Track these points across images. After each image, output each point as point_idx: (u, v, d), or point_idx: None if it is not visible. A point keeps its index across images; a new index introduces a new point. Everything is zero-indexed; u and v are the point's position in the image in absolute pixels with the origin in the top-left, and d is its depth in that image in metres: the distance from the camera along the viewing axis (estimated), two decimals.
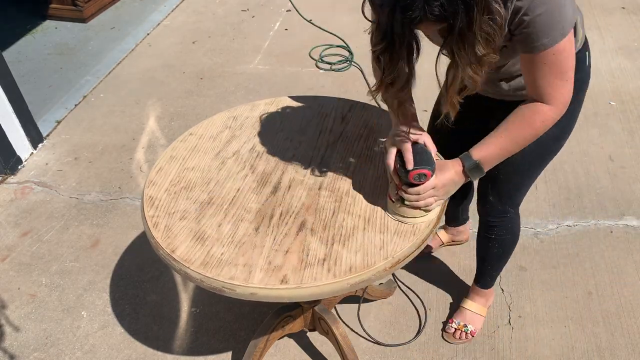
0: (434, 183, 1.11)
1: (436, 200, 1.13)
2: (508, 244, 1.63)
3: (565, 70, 1.08)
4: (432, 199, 1.12)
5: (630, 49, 3.31)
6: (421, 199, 1.10)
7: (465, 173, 1.14)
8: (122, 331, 1.87)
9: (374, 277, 1.05)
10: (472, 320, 1.79)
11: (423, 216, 1.14)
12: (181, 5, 4.13)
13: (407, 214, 1.13)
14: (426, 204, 1.12)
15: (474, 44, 0.93)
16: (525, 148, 1.26)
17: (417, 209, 1.12)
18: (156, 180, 1.29)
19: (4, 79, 2.48)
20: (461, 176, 1.15)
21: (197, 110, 2.95)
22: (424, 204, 1.11)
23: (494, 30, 0.94)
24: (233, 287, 1.03)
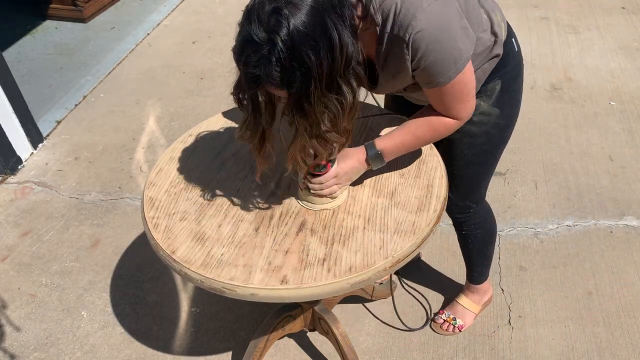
0: (335, 172, 1.14)
1: (340, 187, 1.17)
2: (482, 239, 1.64)
3: (466, 94, 1.12)
4: (335, 187, 1.16)
5: (630, 49, 3.31)
6: (324, 187, 1.14)
7: (367, 161, 1.18)
8: (122, 331, 1.87)
9: (374, 276, 1.05)
10: (463, 315, 1.81)
11: (329, 202, 1.19)
12: (181, 5, 4.13)
13: (314, 201, 1.19)
14: (330, 192, 1.16)
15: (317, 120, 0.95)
16: (474, 141, 1.37)
17: (323, 196, 1.17)
18: (156, 181, 1.29)
19: (4, 79, 2.48)
20: (363, 164, 1.18)
21: (197, 110, 2.95)
22: (328, 192, 1.15)
23: (338, 111, 0.95)
24: (233, 288, 1.03)
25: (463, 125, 1.31)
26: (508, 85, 1.33)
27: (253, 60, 0.89)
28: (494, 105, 1.33)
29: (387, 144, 1.17)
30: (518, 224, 2.19)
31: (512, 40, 1.33)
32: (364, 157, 1.17)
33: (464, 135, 1.36)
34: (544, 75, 3.10)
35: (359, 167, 1.18)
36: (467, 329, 1.81)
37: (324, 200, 1.18)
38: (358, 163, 1.17)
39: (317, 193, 1.15)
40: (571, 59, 3.24)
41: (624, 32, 3.50)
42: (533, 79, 3.07)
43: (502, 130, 1.40)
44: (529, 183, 2.38)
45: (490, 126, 1.35)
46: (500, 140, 1.42)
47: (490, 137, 1.38)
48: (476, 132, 1.36)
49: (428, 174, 1.26)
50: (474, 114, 1.30)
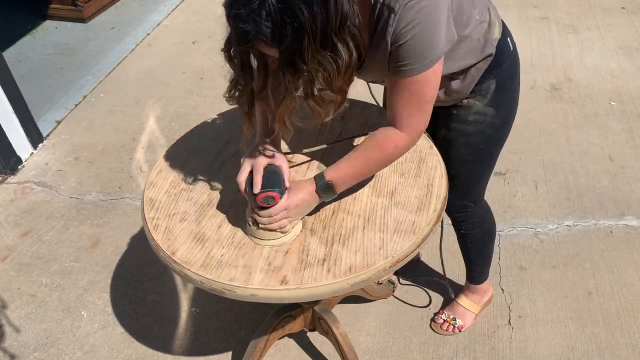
0: (285, 204, 1.07)
1: (290, 221, 1.10)
2: (480, 239, 1.64)
3: (426, 102, 1.08)
4: (285, 221, 1.09)
5: (630, 49, 3.31)
6: (273, 221, 1.07)
7: (318, 193, 1.11)
8: (122, 331, 1.87)
9: (374, 276, 1.05)
10: (463, 315, 1.81)
11: (280, 237, 1.11)
12: (181, 5, 4.13)
13: (263, 236, 1.10)
14: (279, 226, 1.08)
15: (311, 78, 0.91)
16: (469, 141, 1.35)
17: (272, 230, 1.09)
18: (156, 182, 1.29)
19: (4, 79, 2.48)
20: (314, 196, 1.12)
21: (197, 110, 2.95)
22: (277, 226, 1.08)
23: (334, 70, 0.92)
24: (233, 289, 1.03)
25: (459, 124, 1.33)
26: (503, 84, 1.32)
27: (243, 15, 0.85)
28: (488, 105, 1.32)
29: (336, 174, 1.11)
30: (518, 224, 2.19)
31: (507, 40, 1.33)
32: (313, 189, 1.11)
33: (459, 135, 1.36)
34: (544, 75, 3.10)
35: (310, 199, 1.11)
36: (467, 329, 1.81)
37: (274, 235, 1.10)
38: (308, 195, 1.11)
39: (266, 227, 1.08)
40: (571, 59, 3.24)
41: (624, 32, 3.50)
42: (533, 79, 3.07)
43: (498, 130, 1.39)
44: (529, 183, 2.38)
45: (486, 125, 1.35)
46: (497, 140, 1.41)
47: (485, 136, 1.37)
48: (471, 132, 1.36)
49: (428, 174, 1.26)
50: (470, 113, 1.32)
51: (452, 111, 1.34)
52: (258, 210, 1.07)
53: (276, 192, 1.06)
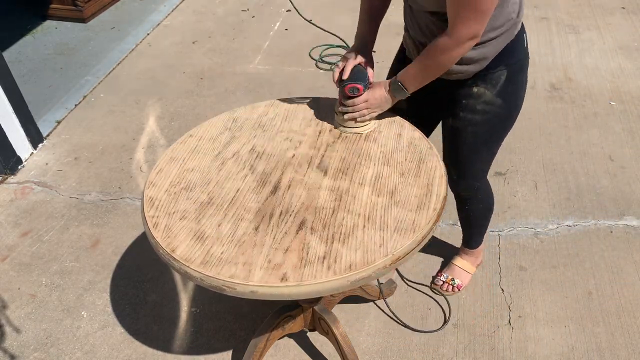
0: (366, 97, 1.33)
1: (369, 112, 1.36)
2: (482, 213, 1.78)
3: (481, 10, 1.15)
4: (365, 111, 1.35)
5: (630, 49, 3.31)
6: (356, 110, 1.34)
7: (390, 90, 1.34)
8: (122, 331, 1.87)
9: (374, 274, 1.05)
10: (460, 275, 1.93)
11: (362, 126, 1.38)
12: (181, 5, 4.14)
13: (348, 124, 1.38)
14: (360, 115, 1.35)
15: None
16: (477, 130, 1.46)
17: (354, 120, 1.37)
18: (156, 181, 1.29)
19: (4, 79, 2.48)
20: (388, 93, 1.35)
21: (197, 110, 2.95)
22: (359, 114, 1.35)
23: None
24: (233, 286, 1.03)
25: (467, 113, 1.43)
26: (513, 77, 1.40)
27: None
28: (497, 96, 1.39)
29: (403, 76, 1.32)
30: (518, 224, 2.19)
31: (523, 35, 1.41)
32: (388, 88, 1.34)
33: (468, 124, 1.44)
34: (544, 75, 3.11)
35: (386, 95, 1.35)
36: (465, 287, 1.92)
37: (357, 125, 1.37)
38: (385, 92, 1.34)
39: (349, 116, 1.34)
40: (571, 59, 3.24)
41: (624, 32, 3.50)
42: (533, 79, 3.07)
43: (504, 121, 1.48)
44: (529, 183, 2.38)
45: (493, 115, 1.43)
46: (502, 129, 1.51)
47: (492, 125, 1.46)
48: (479, 121, 1.44)
49: (428, 173, 1.26)
50: (479, 102, 1.40)
51: (462, 101, 1.43)
52: (345, 100, 1.34)
53: (360, 84, 1.32)
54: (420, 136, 1.39)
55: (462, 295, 1.92)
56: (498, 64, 1.35)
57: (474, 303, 1.90)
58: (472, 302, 1.90)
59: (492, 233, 2.15)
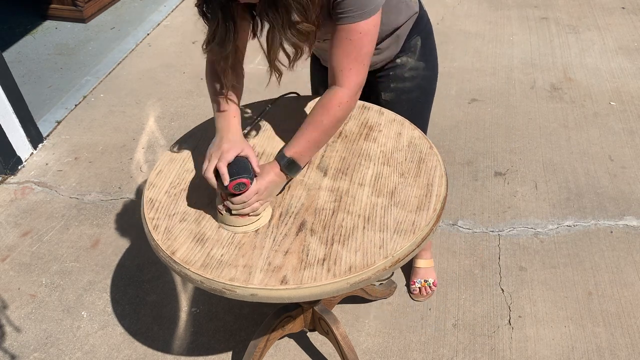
0: (256, 188, 1.12)
1: (261, 203, 1.15)
2: None
3: (365, 54, 1.16)
4: (257, 204, 1.13)
5: (630, 49, 3.31)
6: (247, 206, 1.12)
7: (283, 171, 1.18)
8: (122, 331, 1.87)
9: (374, 276, 1.05)
10: (427, 274, 1.95)
11: (253, 222, 1.15)
12: (181, 5, 4.13)
13: (237, 222, 1.14)
14: (252, 210, 1.13)
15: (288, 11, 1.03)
16: (410, 97, 1.53)
17: (246, 215, 1.13)
18: (156, 183, 1.29)
19: (4, 79, 2.48)
20: (281, 175, 1.18)
21: (197, 110, 2.95)
22: (250, 210, 1.13)
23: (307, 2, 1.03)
24: (233, 289, 1.03)
25: (398, 83, 1.50)
26: (426, 41, 1.51)
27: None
28: (419, 60, 1.50)
29: (294, 149, 1.18)
30: (518, 224, 2.19)
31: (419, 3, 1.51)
32: (278, 169, 1.17)
33: (401, 93, 1.52)
34: (544, 75, 3.10)
35: (277, 180, 1.18)
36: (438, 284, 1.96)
37: (247, 221, 1.14)
38: (275, 176, 1.17)
39: (239, 213, 1.12)
40: (571, 59, 3.24)
41: (624, 32, 3.50)
42: (533, 79, 3.07)
43: (431, 82, 1.57)
44: (529, 183, 2.38)
45: (421, 79, 1.53)
46: (430, 91, 1.59)
47: (422, 88, 1.55)
48: (411, 87, 1.52)
49: (428, 174, 1.26)
50: (405, 70, 1.49)
51: (390, 73, 1.51)
52: (231, 198, 1.11)
53: (246, 178, 1.10)
54: (420, 135, 1.39)
55: (462, 295, 1.92)
56: (411, 34, 1.46)
57: (474, 303, 1.90)
58: (472, 302, 1.90)
59: (492, 233, 2.15)
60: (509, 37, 3.51)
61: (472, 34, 3.56)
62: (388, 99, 1.54)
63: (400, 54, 1.48)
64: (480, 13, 3.82)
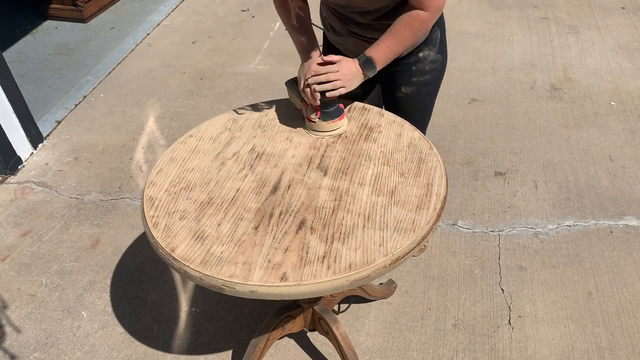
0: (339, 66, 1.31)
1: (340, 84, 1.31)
2: None
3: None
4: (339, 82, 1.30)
5: (630, 49, 3.31)
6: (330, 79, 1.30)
7: (361, 66, 1.33)
8: (122, 331, 1.87)
9: (373, 274, 1.05)
10: None
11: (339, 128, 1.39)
12: (181, 5, 4.14)
13: (327, 127, 1.37)
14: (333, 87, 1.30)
15: None
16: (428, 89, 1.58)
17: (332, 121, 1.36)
18: (156, 181, 1.29)
19: (4, 79, 2.48)
20: (360, 70, 1.33)
21: (197, 111, 2.95)
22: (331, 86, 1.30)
23: None
24: (233, 285, 1.03)
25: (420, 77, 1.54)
26: (443, 32, 1.55)
27: None
28: (438, 53, 1.54)
29: (375, 52, 1.32)
30: (518, 224, 2.19)
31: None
32: (357, 63, 1.33)
33: (421, 86, 1.56)
34: (544, 75, 3.11)
35: (357, 72, 1.33)
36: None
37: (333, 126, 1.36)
38: (355, 68, 1.33)
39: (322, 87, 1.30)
40: (571, 59, 3.24)
41: (624, 32, 3.50)
42: (533, 79, 3.07)
43: (444, 72, 1.62)
44: (529, 183, 2.38)
45: (438, 71, 1.58)
46: (441, 80, 1.64)
47: (437, 81, 1.60)
48: (430, 80, 1.57)
49: (428, 173, 1.26)
50: (427, 63, 1.53)
51: (412, 67, 1.53)
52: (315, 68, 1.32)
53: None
54: (420, 136, 1.39)
55: (462, 295, 1.92)
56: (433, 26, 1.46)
57: (474, 303, 1.90)
58: (472, 302, 1.90)
59: (492, 233, 2.15)
60: (509, 37, 3.51)
61: (472, 34, 3.57)
62: (409, 92, 1.57)
63: (423, 45, 1.51)
64: (480, 13, 3.83)
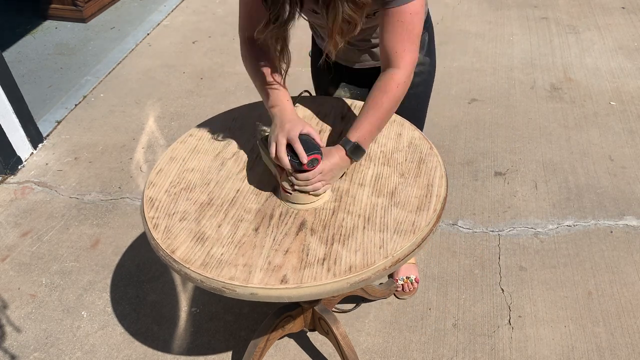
0: (320, 169, 1.16)
1: (324, 184, 1.19)
2: None
3: (416, 34, 1.20)
4: (319, 184, 1.17)
5: (630, 49, 3.31)
6: (309, 184, 1.16)
7: (348, 155, 1.21)
8: (122, 331, 1.87)
9: (373, 276, 1.05)
10: (409, 270, 1.96)
11: (314, 201, 1.21)
12: (181, 5, 4.14)
13: (301, 200, 1.20)
14: (314, 189, 1.17)
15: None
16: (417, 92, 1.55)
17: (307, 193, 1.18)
18: (156, 182, 1.29)
19: (4, 79, 2.48)
20: (345, 159, 1.22)
21: (197, 110, 2.95)
22: (312, 188, 1.17)
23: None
24: (233, 288, 1.03)
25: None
26: (431, 36, 1.54)
27: None
28: (426, 55, 1.52)
29: (358, 133, 1.22)
30: (518, 224, 2.19)
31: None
32: (344, 153, 1.21)
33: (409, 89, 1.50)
34: (544, 75, 3.10)
35: (342, 163, 1.21)
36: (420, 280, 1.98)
37: (309, 199, 1.19)
38: (340, 160, 1.20)
39: (301, 189, 1.16)
40: (571, 59, 3.24)
41: (624, 32, 3.50)
42: (533, 79, 3.07)
43: (433, 76, 1.60)
44: (529, 183, 2.38)
45: (427, 74, 1.56)
46: (431, 84, 1.62)
47: (427, 84, 1.59)
48: (419, 82, 1.53)
49: (428, 174, 1.26)
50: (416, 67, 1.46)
51: None
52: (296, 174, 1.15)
53: (317, 153, 1.14)
54: (420, 136, 1.39)
55: (462, 295, 1.92)
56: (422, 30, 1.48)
57: (474, 303, 1.90)
58: (472, 302, 1.90)
59: (492, 233, 2.15)
60: (509, 37, 3.51)
61: (472, 34, 3.56)
62: None
63: None
64: (480, 13, 3.82)
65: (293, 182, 1.16)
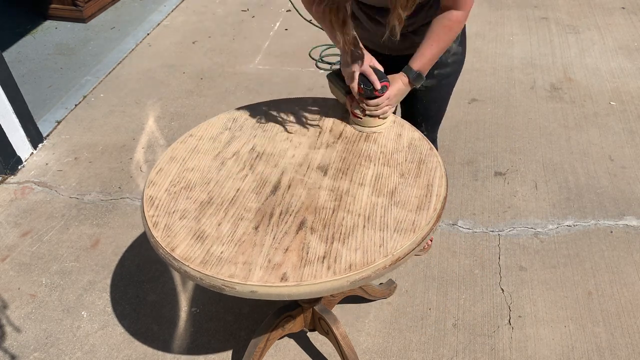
0: (388, 94, 1.36)
1: (390, 108, 1.38)
2: None
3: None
4: (387, 108, 1.37)
5: (630, 49, 3.31)
6: (379, 109, 1.36)
7: (411, 82, 1.39)
8: (122, 331, 1.87)
9: (373, 274, 1.05)
10: None
11: (384, 123, 1.41)
12: (181, 5, 4.14)
13: (373, 123, 1.40)
14: (383, 112, 1.37)
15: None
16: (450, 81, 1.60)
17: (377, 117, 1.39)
18: (156, 181, 1.29)
19: (4, 79, 2.48)
20: (407, 85, 1.40)
21: (197, 110, 2.95)
22: (381, 112, 1.37)
23: None
24: (233, 285, 1.03)
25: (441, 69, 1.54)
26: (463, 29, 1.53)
27: None
28: (459, 45, 1.55)
29: (420, 63, 1.37)
30: (518, 224, 2.19)
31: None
32: (407, 80, 1.38)
33: (442, 79, 1.57)
34: (544, 75, 3.11)
35: (405, 88, 1.39)
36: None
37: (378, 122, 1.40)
38: (404, 85, 1.38)
39: (372, 114, 1.36)
40: (571, 59, 3.24)
41: (624, 32, 3.50)
42: (533, 79, 3.07)
43: (462, 67, 1.63)
44: (529, 183, 2.38)
45: (458, 64, 1.59)
46: (460, 72, 1.65)
47: (457, 74, 1.62)
48: (450, 72, 1.58)
49: (428, 174, 1.26)
50: (449, 56, 1.54)
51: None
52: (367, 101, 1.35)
53: (387, 81, 1.34)
54: (420, 137, 1.39)
55: (462, 295, 1.92)
56: None
57: (474, 303, 1.90)
58: (472, 302, 1.90)
59: (492, 233, 2.15)
60: (509, 37, 3.51)
61: (472, 34, 3.57)
62: (429, 84, 1.57)
63: None
64: (480, 13, 3.83)
65: (364, 108, 1.36)
